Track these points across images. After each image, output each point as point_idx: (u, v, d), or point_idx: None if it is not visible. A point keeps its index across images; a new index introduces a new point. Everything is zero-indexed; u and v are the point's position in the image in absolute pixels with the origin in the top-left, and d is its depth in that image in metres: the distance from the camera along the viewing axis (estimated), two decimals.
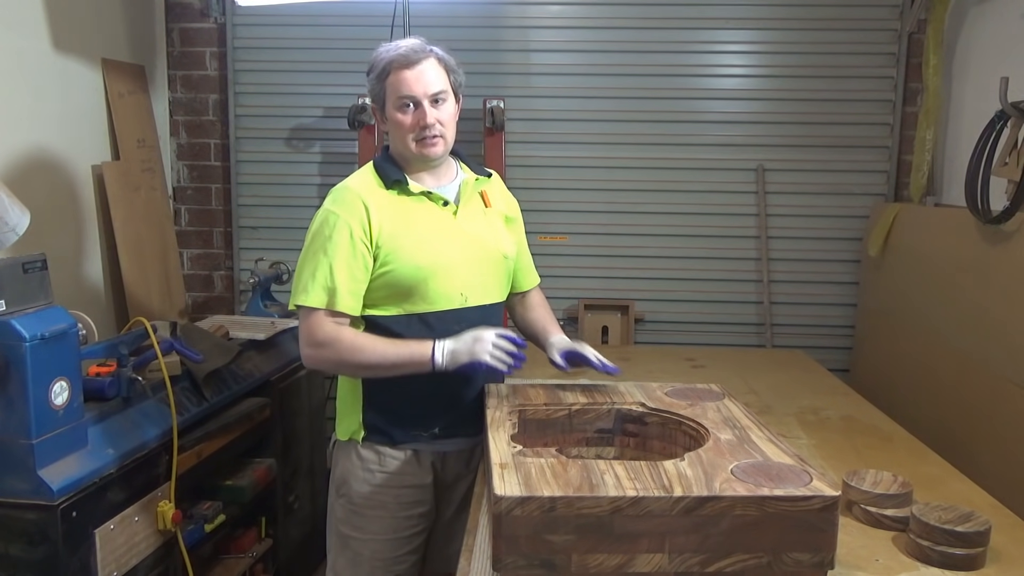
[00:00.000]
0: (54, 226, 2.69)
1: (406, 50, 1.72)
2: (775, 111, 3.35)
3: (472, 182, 1.83)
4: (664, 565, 1.16)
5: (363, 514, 1.82)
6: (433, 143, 1.73)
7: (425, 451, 1.82)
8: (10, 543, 1.68)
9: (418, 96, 1.71)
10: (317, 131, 3.46)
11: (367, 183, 1.77)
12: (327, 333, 1.68)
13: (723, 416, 1.55)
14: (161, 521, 1.98)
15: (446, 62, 1.77)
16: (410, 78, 1.71)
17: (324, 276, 1.67)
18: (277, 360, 2.69)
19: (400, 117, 1.72)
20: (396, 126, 1.74)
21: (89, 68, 2.91)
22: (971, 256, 2.50)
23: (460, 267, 1.76)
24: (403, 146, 1.75)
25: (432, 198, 1.78)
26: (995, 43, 2.78)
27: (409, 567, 1.86)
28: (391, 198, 1.75)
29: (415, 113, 1.72)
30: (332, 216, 1.70)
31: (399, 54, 1.71)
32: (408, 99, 1.71)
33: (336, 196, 1.75)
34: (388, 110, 1.75)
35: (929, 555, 1.38)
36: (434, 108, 1.72)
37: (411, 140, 1.73)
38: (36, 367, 1.66)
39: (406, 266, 1.71)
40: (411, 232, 1.73)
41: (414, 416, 1.78)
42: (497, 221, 1.88)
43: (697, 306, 3.46)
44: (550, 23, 3.37)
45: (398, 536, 1.82)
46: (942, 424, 2.52)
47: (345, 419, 1.85)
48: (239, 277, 3.54)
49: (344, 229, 1.68)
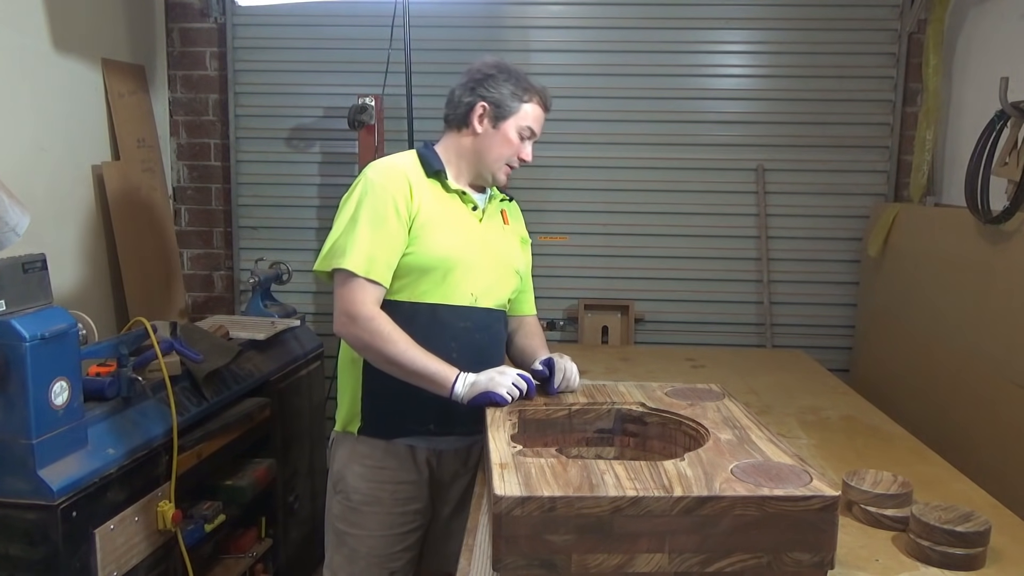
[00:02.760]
0: (54, 226, 2.69)
1: (546, 93, 1.87)
2: (775, 111, 3.35)
3: (497, 200, 1.93)
4: (664, 565, 1.16)
5: (359, 510, 1.83)
6: (509, 175, 1.87)
7: (420, 447, 1.83)
8: (10, 543, 1.68)
9: (536, 135, 1.86)
10: (317, 131, 3.46)
11: (412, 165, 1.82)
12: (368, 311, 1.67)
13: (723, 416, 1.55)
14: (161, 521, 1.98)
15: None
16: (541, 118, 1.86)
17: (366, 243, 1.68)
18: (277, 360, 2.69)
19: (514, 139, 1.82)
20: (504, 142, 1.82)
21: (89, 68, 2.91)
22: (971, 256, 2.50)
23: (477, 267, 1.80)
24: (489, 159, 1.83)
25: (464, 199, 1.84)
26: (995, 43, 2.78)
27: (405, 564, 1.87)
28: (430, 185, 1.80)
29: (526, 145, 1.84)
30: (377, 187, 1.73)
31: (543, 91, 1.86)
32: (531, 133, 1.84)
33: (381, 169, 1.78)
34: (506, 125, 1.81)
35: (929, 555, 1.38)
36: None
37: (503, 162, 1.83)
38: (36, 367, 1.66)
39: (430, 253, 1.74)
40: (441, 222, 1.77)
41: (409, 410, 1.78)
42: (513, 239, 1.95)
43: (697, 306, 3.46)
44: (550, 23, 3.37)
45: (394, 532, 1.84)
46: (942, 424, 2.52)
47: (343, 408, 1.87)
48: (239, 277, 3.54)
49: (389, 201, 1.71)
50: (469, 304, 1.79)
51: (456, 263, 1.76)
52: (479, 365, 1.73)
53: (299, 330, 2.95)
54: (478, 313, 1.80)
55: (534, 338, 1.96)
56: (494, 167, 1.83)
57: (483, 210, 1.87)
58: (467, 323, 1.78)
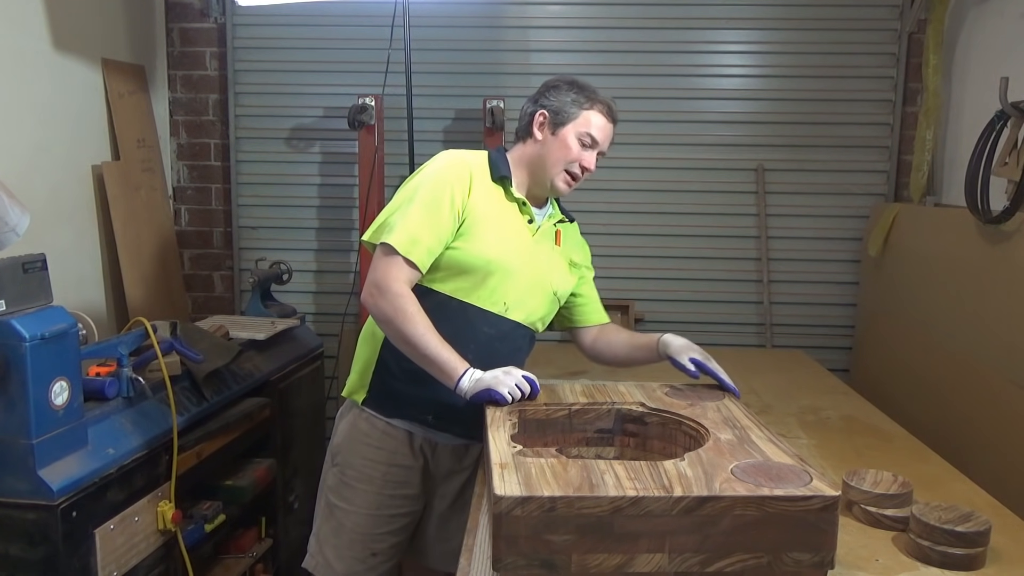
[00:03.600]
0: (54, 226, 2.69)
1: (613, 105, 1.87)
2: (775, 111, 3.35)
3: (554, 220, 1.93)
4: (664, 565, 1.16)
5: (351, 486, 1.88)
6: (571, 184, 1.86)
7: (417, 434, 1.87)
8: (10, 543, 1.68)
9: (600, 144, 1.85)
10: (317, 131, 3.46)
11: (480, 163, 1.84)
12: (397, 288, 1.68)
13: (723, 416, 1.55)
14: (161, 521, 1.98)
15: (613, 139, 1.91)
16: (605, 128, 1.85)
17: (415, 225, 1.70)
18: (277, 360, 2.69)
19: (572, 145, 1.82)
20: (563, 148, 1.82)
21: (89, 68, 2.91)
22: (971, 256, 2.50)
23: (517, 278, 1.80)
24: (549, 165, 1.83)
25: (524, 210, 1.86)
26: (995, 43, 2.78)
27: (388, 547, 1.90)
28: (492, 188, 1.82)
29: (586, 152, 1.83)
30: (441, 175, 1.76)
31: (610, 102, 1.87)
32: (592, 140, 1.84)
33: (450, 160, 1.81)
34: (565, 131, 1.82)
35: (929, 555, 1.38)
36: (596, 159, 1.86)
37: (562, 167, 1.83)
38: (36, 367, 1.66)
39: (474, 252, 1.75)
40: (494, 225, 1.78)
41: (413, 396, 1.81)
42: (560, 261, 1.93)
43: (697, 306, 3.46)
44: (550, 23, 3.37)
45: (381, 513, 1.88)
46: (942, 424, 2.52)
47: (354, 375, 1.91)
48: (239, 277, 3.54)
49: (447, 191, 1.73)
50: (499, 312, 1.80)
51: (497, 268, 1.77)
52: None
53: (299, 330, 2.95)
54: (506, 323, 1.81)
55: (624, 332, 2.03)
56: (552, 172, 1.83)
57: (538, 226, 1.88)
58: (492, 330, 1.79)
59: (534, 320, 1.88)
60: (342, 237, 3.50)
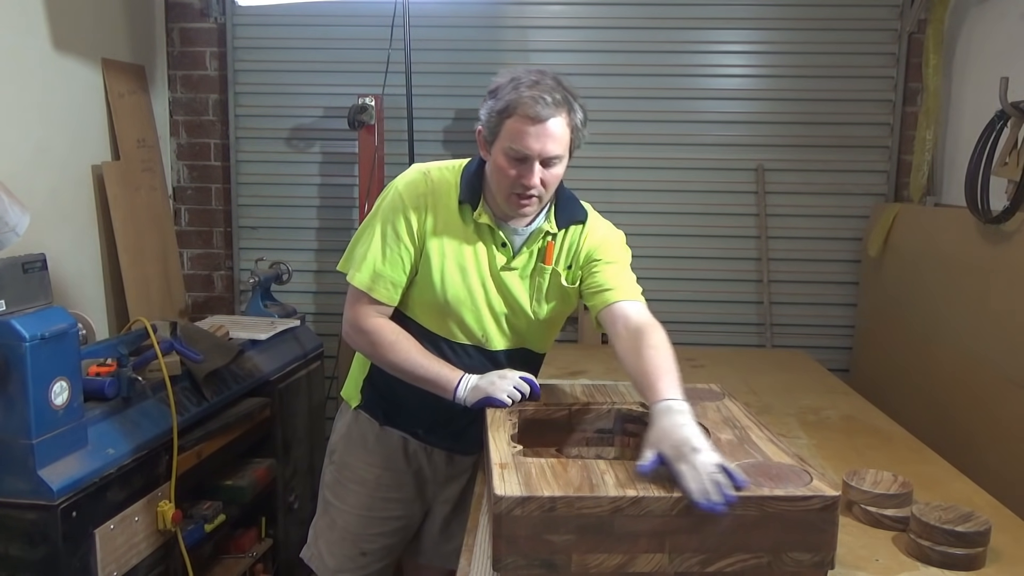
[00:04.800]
0: (54, 226, 2.69)
1: (539, 97, 1.52)
2: (775, 111, 3.35)
3: (543, 234, 1.70)
4: (664, 565, 1.16)
5: (344, 485, 1.89)
6: (527, 204, 1.60)
7: (411, 441, 1.87)
8: (10, 543, 1.68)
9: (532, 156, 1.54)
10: (317, 131, 3.46)
11: (445, 185, 1.68)
12: (370, 325, 1.68)
13: (723, 416, 1.55)
14: (161, 521, 1.98)
15: (574, 121, 1.58)
16: (531, 134, 1.53)
17: (374, 260, 1.67)
18: (277, 360, 2.69)
19: (504, 165, 1.56)
20: (498, 172, 1.59)
21: (89, 68, 2.91)
22: (971, 256, 2.50)
23: (481, 313, 1.71)
24: (496, 190, 1.62)
25: (494, 236, 1.68)
26: (995, 43, 2.77)
27: (379, 548, 1.90)
28: (455, 214, 1.67)
29: (522, 168, 1.56)
30: (396, 202, 1.67)
31: (530, 97, 1.52)
32: (522, 155, 1.55)
33: (410, 181, 1.69)
34: (495, 150, 1.58)
35: (929, 555, 1.38)
36: (543, 168, 1.57)
37: (506, 192, 1.59)
38: (36, 367, 1.66)
39: (428, 290, 1.69)
40: (452, 256, 1.67)
41: (402, 410, 1.82)
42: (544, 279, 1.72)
43: (697, 306, 3.45)
44: (550, 23, 3.37)
45: (372, 515, 1.88)
46: (942, 424, 2.52)
47: (350, 382, 1.91)
48: (239, 277, 3.54)
49: (401, 220, 1.66)
50: (479, 344, 1.73)
51: (453, 308, 1.69)
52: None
53: (299, 330, 2.95)
54: (488, 353, 1.75)
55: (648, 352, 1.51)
56: (501, 199, 1.62)
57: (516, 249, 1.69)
58: (477, 360, 1.73)
59: (524, 342, 1.78)
60: (342, 237, 3.49)
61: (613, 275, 1.71)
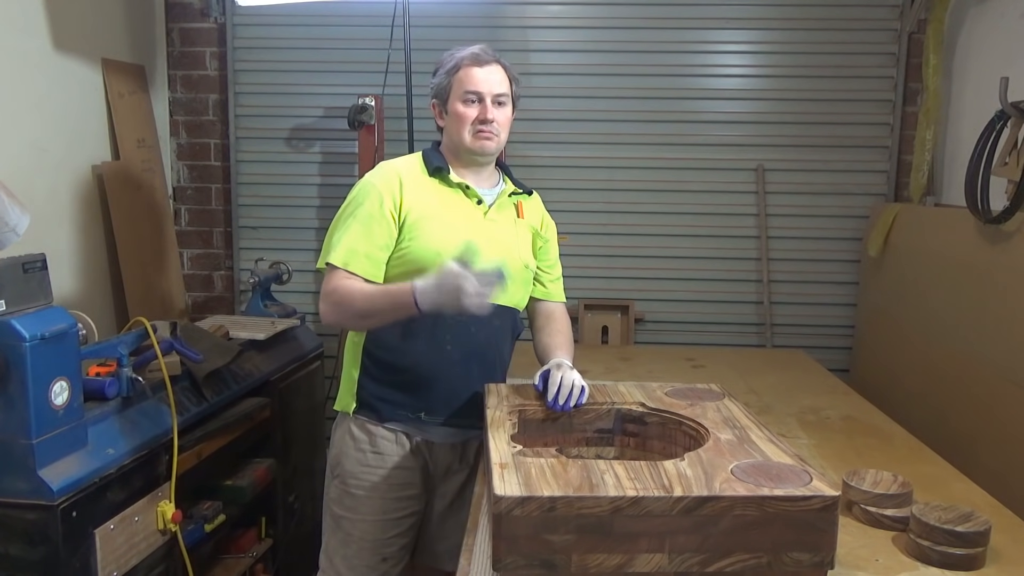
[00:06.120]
0: (54, 226, 2.69)
1: (478, 51, 1.83)
2: (775, 111, 3.35)
3: (510, 193, 1.92)
4: (664, 565, 1.16)
5: (354, 495, 1.88)
6: (488, 137, 1.82)
7: (414, 435, 1.87)
8: (10, 543, 1.68)
9: (483, 93, 1.81)
10: (317, 131, 3.46)
11: (410, 165, 1.87)
12: (334, 286, 1.73)
13: (723, 416, 1.55)
14: (161, 521, 1.98)
15: (510, 72, 1.88)
16: (479, 76, 1.81)
17: (349, 239, 1.75)
18: (277, 360, 2.69)
19: (463, 110, 1.81)
20: (457, 118, 1.82)
21: (89, 68, 2.91)
22: (971, 256, 2.50)
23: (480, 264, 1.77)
24: (459, 138, 1.83)
25: (468, 193, 1.86)
26: (995, 43, 2.78)
27: (398, 550, 1.90)
28: (430, 183, 1.84)
29: (478, 107, 1.81)
30: (368, 185, 1.81)
31: (471, 53, 1.82)
32: (474, 94, 1.81)
33: (376, 170, 1.86)
34: (451, 103, 1.83)
35: (929, 555, 1.38)
36: (495, 107, 1.82)
37: (468, 132, 1.81)
38: (36, 367, 1.66)
39: (424, 247, 1.76)
40: (438, 217, 1.79)
41: (402, 397, 1.83)
42: (525, 233, 1.94)
43: (697, 306, 3.46)
44: (550, 23, 3.37)
45: (388, 518, 1.87)
46: (942, 424, 2.52)
47: (343, 389, 1.92)
48: (239, 277, 3.54)
49: (375, 197, 1.77)
50: None
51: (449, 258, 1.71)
52: (474, 359, 1.81)
53: (299, 330, 2.95)
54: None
55: (557, 336, 1.93)
56: (465, 139, 1.82)
57: (490, 204, 1.88)
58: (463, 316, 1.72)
59: (510, 298, 1.86)
60: None
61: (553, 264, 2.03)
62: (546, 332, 1.96)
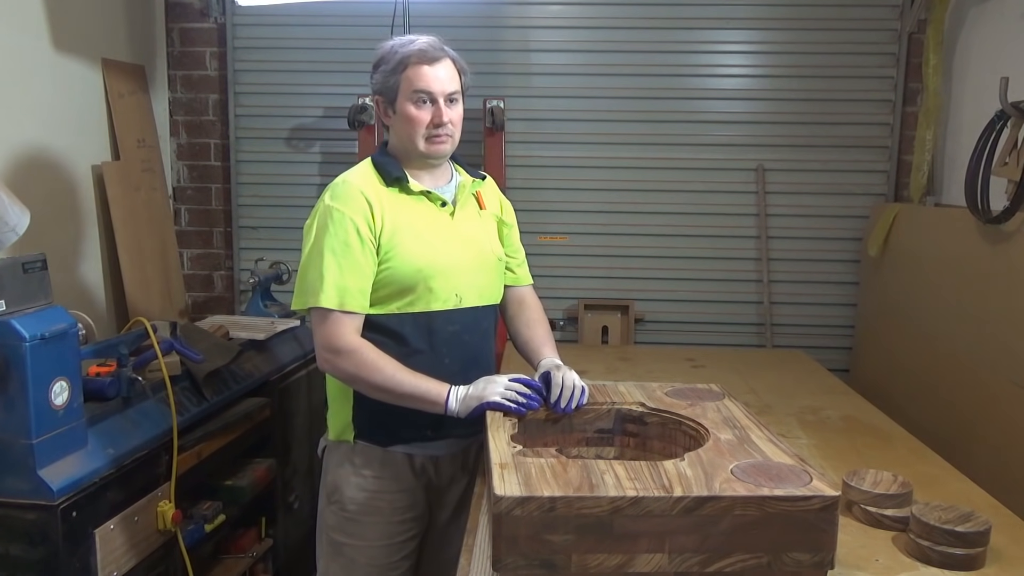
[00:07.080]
0: (54, 226, 2.69)
1: (425, 46, 1.69)
2: (775, 111, 3.35)
3: (468, 184, 1.82)
4: (664, 565, 1.16)
5: (358, 520, 1.80)
6: (443, 141, 1.72)
7: (417, 454, 1.80)
8: (10, 543, 1.68)
9: (435, 93, 1.69)
10: (317, 131, 3.46)
11: (367, 178, 1.74)
12: (348, 343, 1.64)
13: (723, 416, 1.54)
14: (161, 521, 1.98)
15: (459, 64, 1.75)
16: (429, 74, 1.68)
17: (334, 275, 1.64)
18: (277, 360, 2.69)
19: (414, 112, 1.69)
20: (408, 121, 1.70)
21: (89, 68, 2.91)
22: (971, 256, 2.50)
23: (456, 268, 1.74)
24: (410, 142, 1.72)
25: (431, 198, 1.76)
26: (995, 43, 2.78)
27: (403, 572, 1.85)
28: (391, 195, 1.72)
29: (431, 110, 1.69)
30: (336, 212, 1.68)
31: (418, 49, 1.69)
32: (425, 95, 1.69)
33: (337, 192, 1.73)
34: (400, 104, 1.71)
35: (929, 555, 1.38)
36: (448, 106, 1.71)
37: (421, 137, 1.70)
38: (36, 367, 1.66)
39: (404, 265, 1.69)
40: (410, 231, 1.70)
41: (404, 419, 1.73)
42: (491, 223, 1.87)
43: (697, 306, 3.46)
44: (550, 23, 3.38)
45: (393, 542, 1.81)
46: (942, 424, 2.52)
47: (335, 417, 1.83)
48: (239, 277, 3.54)
49: (350, 226, 1.66)
50: (453, 307, 1.74)
51: (432, 271, 1.70)
52: (471, 367, 1.73)
53: (299, 330, 2.94)
54: (464, 314, 1.76)
55: (537, 328, 1.87)
56: (417, 144, 1.71)
57: (453, 202, 1.78)
58: (455, 326, 1.73)
59: (490, 296, 1.83)
60: None
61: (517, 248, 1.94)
62: (522, 321, 1.89)
